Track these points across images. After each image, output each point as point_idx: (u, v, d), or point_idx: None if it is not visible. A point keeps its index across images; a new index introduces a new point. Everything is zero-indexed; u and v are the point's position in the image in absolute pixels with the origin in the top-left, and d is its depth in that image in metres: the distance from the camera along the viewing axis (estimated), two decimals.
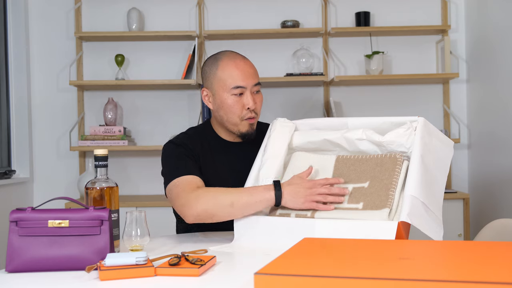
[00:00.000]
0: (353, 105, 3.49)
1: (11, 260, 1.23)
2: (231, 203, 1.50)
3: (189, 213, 1.54)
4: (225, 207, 1.50)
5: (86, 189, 1.40)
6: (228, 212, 1.51)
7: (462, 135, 3.45)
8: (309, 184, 1.47)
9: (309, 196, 1.46)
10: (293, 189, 1.48)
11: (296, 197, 1.47)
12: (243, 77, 1.72)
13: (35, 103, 3.46)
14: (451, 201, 3.13)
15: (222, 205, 1.50)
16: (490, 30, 3.15)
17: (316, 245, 1.15)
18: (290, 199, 1.48)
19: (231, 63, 1.73)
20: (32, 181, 3.45)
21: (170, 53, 3.49)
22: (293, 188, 1.48)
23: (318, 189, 1.46)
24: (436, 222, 1.41)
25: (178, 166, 1.67)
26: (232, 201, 1.50)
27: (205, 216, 1.53)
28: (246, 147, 1.82)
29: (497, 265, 0.91)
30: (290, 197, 1.47)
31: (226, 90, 1.73)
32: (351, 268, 0.93)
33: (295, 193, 1.47)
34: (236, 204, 1.49)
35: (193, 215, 1.53)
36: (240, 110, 1.73)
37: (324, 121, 1.69)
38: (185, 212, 1.55)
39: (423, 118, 1.53)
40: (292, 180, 1.51)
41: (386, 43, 3.49)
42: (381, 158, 1.50)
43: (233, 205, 1.50)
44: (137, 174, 3.47)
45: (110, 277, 1.14)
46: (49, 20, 3.47)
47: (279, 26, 3.44)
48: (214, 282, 1.13)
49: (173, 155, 1.72)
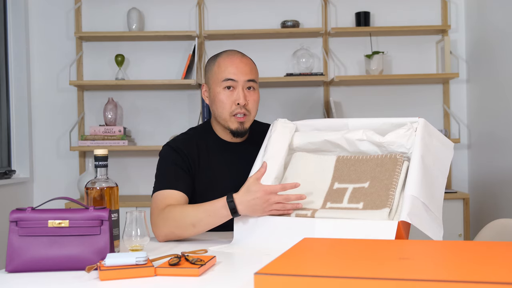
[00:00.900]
0: (353, 105, 3.49)
1: (11, 260, 1.23)
2: (192, 224, 1.55)
3: (157, 234, 1.62)
4: (188, 227, 1.56)
5: (86, 189, 1.40)
6: (191, 231, 1.57)
7: (462, 135, 3.45)
8: (264, 195, 1.45)
9: (266, 207, 1.47)
10: (249, 202, 1.47)
11: (254, 212, 1.48)
12: (235, 71, 1.73)
13: (35, 103, 3.46)
14: (451, 201, 3.13)
15: (185, 227, 1.56)
16: (490, 30, 3.15)
17: (316, 245, 1.15)
18: (247, 213, 1.49)
19: (228, 59, 1.76)
20: (32, 181, 3.45)
21: (170, 53, 3.49)
22: (249, 202, 1.47)
23: (274, 199, 1.46)
24: (436, 222, 1.41)
25: (165, 177, 1.72)
26: (193, 222, 1.55)
27: (173, 237, 1.59)
28: (245, 147, 1.82)
29: (497, 265, 0.91)
30: (247, 211, 1.49)
31: (218, 84, 1.75)
32: (351, 268, 0.93)
33: (251, 208, 1.47)
34: (197, 224, 1.55)
35: (161, 236, 1.60)
36: (230, 105, 1.74)
37: (324, 122, 1.69)
38: (154, 232, 1.63)
39: (423, 119, 1.53)
40: (248, 187, 1.48)
41: (386, 43, 3.49)
42: (381, 158, 1.50)
43: (194, 226, 1.56)
44: (137, 174, 3.48)
45: (110, 277, 1.14)
46: (49, 20, 3.47)
47: (279, 26, 3.44)
48: (214, 282, 1.13)
49: (166, 161, 1.77)
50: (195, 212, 1.55)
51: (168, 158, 1.76)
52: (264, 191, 1.45)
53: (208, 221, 1.54)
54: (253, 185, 1.47)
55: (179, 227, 1.56)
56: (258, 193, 1.45)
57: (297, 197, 1.47)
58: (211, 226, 1.55)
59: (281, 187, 1.47)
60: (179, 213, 1.57)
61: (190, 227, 1.55)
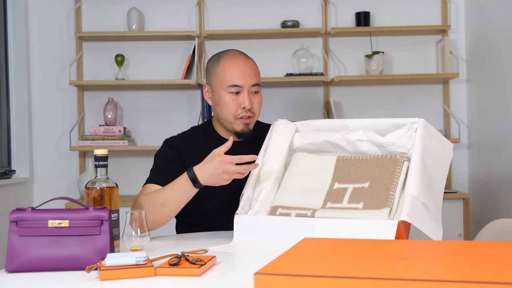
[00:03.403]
0: (353, 105, 3.49)
1: (11, 260, 1.23)
2: (162, 204, 1.58)
3: None
4: (159, 209, 1.59)
5: (86, 189, 1.40)
6: (162, 213, 1.60)
7: (462, 135, 3.45)
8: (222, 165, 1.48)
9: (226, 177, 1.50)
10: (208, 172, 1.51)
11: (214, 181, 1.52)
12: (241, 76, 1.73)
13: (35, 103, 3.46)
14: (451, 201, 3.13)
15: (155, 209, 1.59)
16: (490, 30, 3.15)
17: (316, 245, 1.15)
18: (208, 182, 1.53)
19: (232, 62, 1.76)
20: (32, 181, 3.45)
21: (170, 53, 3.49)
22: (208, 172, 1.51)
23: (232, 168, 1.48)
24: (436, 222, 1.41)
25: (154, 172, 1.78)
26: (162, 202, 1.58)
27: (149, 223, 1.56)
28: (245, 146, 1.82)
29: (497, 265, 0.91)
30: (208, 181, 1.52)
31: (223, 87, 1.76)
32: (351, 268, 0.93)
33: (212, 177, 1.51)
34: (166, 203, 1.58)
35: None
36: (235, 109, 1.76)
37: (324, 122, 1.69)
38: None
39: (423, 119, 1.53)
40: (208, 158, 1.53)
41: (386, 43, 3.49)
42: (381, 158, 1.50)
43: (164, 205, 1.58)
44: (137, 174, 3.47)
45: (110, 277, 1.14)
46: (49, 20, 3.47)
47: (279, 26, 3.44)
48: (214, 282, 1.13)
49: (160, 157, 1.82)
50: (162, 192, 1.60)
51: (162, 154, 1.82)
52: (222, 161, 1.48)
53: (175, 198, 1.57)
54: (214, 156, 1.51)
55: (150, 210, 1.57)
56: (217, 163, 1.49)
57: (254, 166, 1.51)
58: (180, 204, 1.59)
59: (239, 158, 1.49)
60: (148, 197, 1.61)
61: (161, 208, 1.58)
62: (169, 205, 1.58)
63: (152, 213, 1.57)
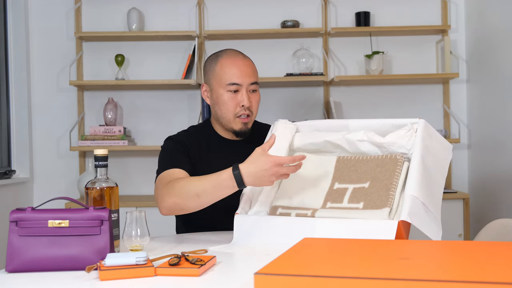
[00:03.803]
0: (353, 105, 3.49)
1: (11, 260, 1.23)
2: (197, 194, 1.53)
3: (161, 206, 1.61)
4: (192, 198, 1.54)
5: (86, 189, 1.40)
6: (195, 202, 1.55)
7: (462, 135, 3.45)
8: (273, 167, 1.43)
9: (274, 179, 1.46)
10: (257, 174, 1.45)
11: (260, 183, 1.47)
12: (239, 75, 1.74)
13: (35, 103, 3.46)
14: (451, 201, 3.13)
15: (189, 197, 1.54)
16: (490, 30, 3.15)
17: (316, 245, 1.15)
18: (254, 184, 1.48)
19: (230, 60, 1.77)
20: (32, 181, 3.45)
21: (170, 53, 3.49)
22: (257, 173, 1.45)
23: (282, 170, 1.44)
24: (436, 222, 1.41)
25: (166, 162, 1.74)
26: (197, 192, 1.53)
27: (177, 209, 1.58)
28: (245, 145, 1.82)
29: (497, 265, 0.91)
30: (254, 182, 1.47)
31: (222, 86, 1.77)
32: (351, 268, 0.93)
33: (259, 179, 1.45)
34: (202, 194, 1.53)
35: (165, 207, 1.59)
36: (234, 107, 1.77)
37: (325, 123, 1.69)
38: (158, 205, 1.62)
39: (423, 120, 1.53)
40: (255, 158, 1.46)
41: (386, 43, 3.49)
42: (381, 159, 1.50)
43: (199, 196, 1.53)
44: (137, 174, 3.47)
45: (110, 277, 1.14)
46: (49, 20, 3.47)
47: (279, 26, 3.44)
48: (214, 282, 1.13)
49: (167, 151, 1.79)
50: (200, 182, 1.54)
51: (169, 148, 1.80)
52: (273, 163, 1.43)
53: (213, 192, 1.51)
54: (261, 156, 1.45)
55: (184, 197, 1.54)
56: (266, 164, 1.43)
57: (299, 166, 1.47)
58: (216, 198, 1.53)
59: (291, 159, 1.44)
60: (183, 183, 1.57)
61: (195, 197, 1.53)
62: (205, 196, 1.53)
63: (184, 199, 1.55)
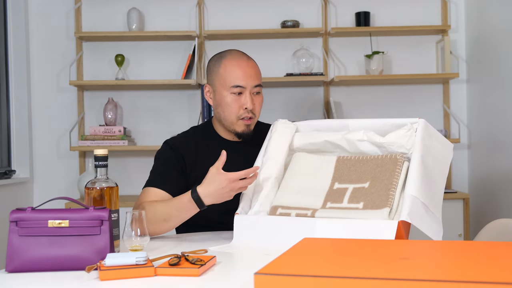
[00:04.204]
0: (353, 105, 3.49)
1: (11, 260, 1.23)
2: (164, 220, 1.59)
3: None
4: (161, 223, 1.60)
5: (86, 189, 1.40)
6: (165, 227, 1.62)
7: (462, 135, 3.45)
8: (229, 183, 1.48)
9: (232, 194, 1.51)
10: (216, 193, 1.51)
11: (220, 200, 1.53)
12: (243, 77, 1.73)
13: (35, 103, 3.46)
14: (451, 201, 3.13)
15: (158, 223, 1.60)
16: (490, 30, 3.15)
17: (316, 245, 1.15)
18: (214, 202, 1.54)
19: (234, 62, 1.76)
20: (32, 181, 3.45)
21: (170, 53, 3.49)
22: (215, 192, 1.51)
23: (238, 185, 1.49)
24: (436, 222, 1.41)
25: (155, 174, 1.77)
26: (164, 218, 1.59)
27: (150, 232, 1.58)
28: (245, 146, 1.82)
29: (497, 265, 0.91)
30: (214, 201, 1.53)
31: (225, 88, 1.76)
32: (351, 268, 0.93)
33: (218, 197, 1.52)
34: (169, 219, 1.60)
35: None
36: (238, 110, 1.76)
37: (325, 122, 1.69)
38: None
39: (423, 120, 1.53)
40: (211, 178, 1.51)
41: (386, 43, 3.49)
42: (381, 158, 1.50)
43: (166, 221, 1.60)
44: (137, 174, 3.47)
45: (110, 277, 1.14)
46: (49, 20, 3.47)
47: (279, 26, 3.44)
48: (214, 282, 1.13)
49: (160, 159, 1.81)
50: (165, 208, 1.60)
51: (162, 156, 1.81)
52: (229, 180, 1.48)
53: (178, 215, 1.59)
54: (216, 175, 1.50)
55: (152, 223, 1.58)
56: (223, 182, 1.49)
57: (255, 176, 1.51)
58: (183, 220, 1.61)
59: (245, 173, 1.49)
60: (151, 210, 1.60)
61: (163, 223, 1.60)
62: (171, 221, 1.60)
63: (153, 225, 1.59)
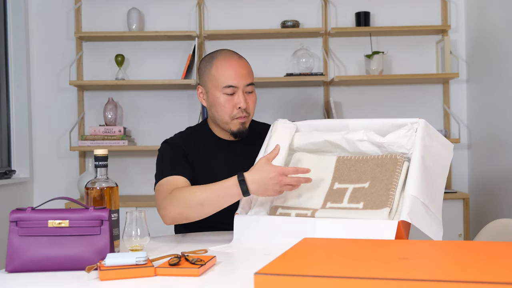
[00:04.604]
0: (353, 105, 3.49)
1: (11, 260, 1.23)
2: (201, 204, 1.53)
3: (165, 217, 1.60)
4: (196, 207, 1.54)
5: (86, 189, 1.40)
6: (199, 211, 1.55)
7: (462, 135, 3.45)
8: (277, 176, 1.45)
9: (278, 188, 1.47)
10: (262, 182, 1.46)
11: (265, 191, 1.48)
12: (235, 77, 1.74)
13: (35, 103, 3.46)
14: (451, 201, 3.13)
15: (193, 206, 1.54)
16: (490, 30, 3.15)
17: (316, 245, 1.15)
18: (258, 193, 1.49)
19: (225, 62, 1.76)
20: (32, 181, 3.45)
21: (170, 53, 3.49)
22: (262, 181, 1.46)
23: (286, 180, 1.46)
24: (436, 222, 1.41)
25: (166, 167, 1.72)
26: (201, 201, 1.53)
27: (180, 219, 1.57)
28: (242, 146, 1.83)
29: (497, 265, 0.91)
30: (258, 191, 1.48)
31: (218, 88, 1.76)
32: (351, 268, 0.93)
33: (263, 187, 1.47)
34: (206, 203, 1.53)
35: (170, 218, 1.59)
36: (231, 109, 1.76)
37: (325, 122, 1.69)
38: (161, 215, 1.61)
39: (424, 120, 1.52)
40: (260, 167, 1.48)
41: (386, 43, 3.49)
42: (381, 158, 1.50)
43: (203, 205, 1.53)
44: (137, 174, 3.47)
45: (110, 277, 1.14)
46: (49, 20, 3.47)
47: (279, 26, 3.44)
48: (214, 282, 1.13)
49: (165, 156, 1.78)
50: (204, 191, 1.54)
51: (167, 152, 1.79)
52: (278, 172, 1.45)
53: (217, 200, 1.52)
54: (266, 165, 1.47)
55: (187, 207, 1.54)
56: (271, 173, 1.45)
57: (307, 180, 1.48)
58: (220, 206, 1.54)
59: (294, 169, 1.46)
60: (187, 193, 1.56)
61: (199, 207, 1.53)
62: (208, 206, 1.53)
63: (187, 209, 1.55)
